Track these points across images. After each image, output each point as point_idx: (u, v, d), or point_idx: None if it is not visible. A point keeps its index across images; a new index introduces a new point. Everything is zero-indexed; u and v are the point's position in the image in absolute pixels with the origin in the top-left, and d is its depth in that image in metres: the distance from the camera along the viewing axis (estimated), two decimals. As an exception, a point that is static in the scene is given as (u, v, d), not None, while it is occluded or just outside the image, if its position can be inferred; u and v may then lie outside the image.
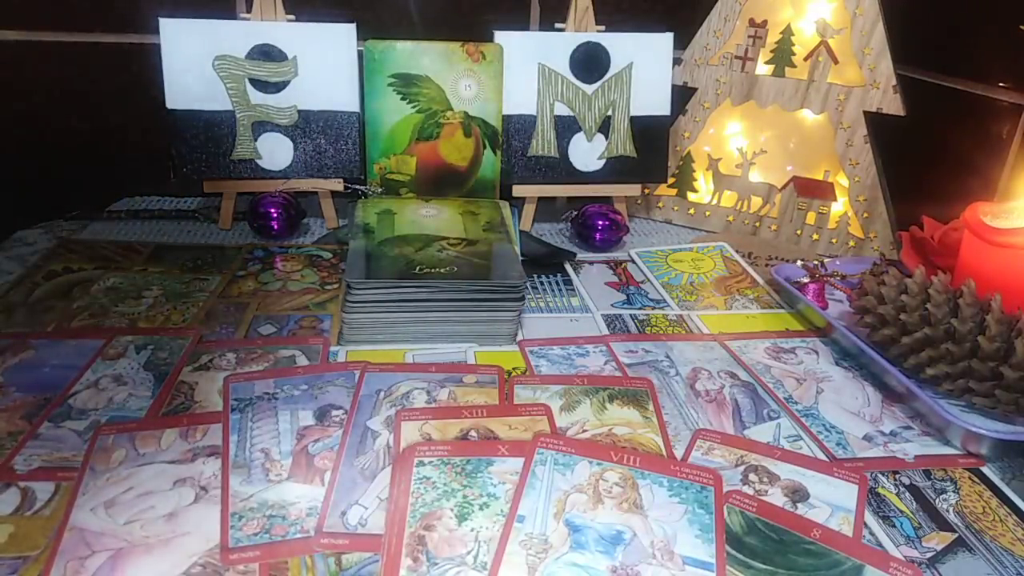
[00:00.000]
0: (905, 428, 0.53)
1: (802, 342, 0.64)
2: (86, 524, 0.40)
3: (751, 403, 0.55)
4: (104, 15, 0.85)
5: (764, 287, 0.75)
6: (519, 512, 0.41)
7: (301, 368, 0.55)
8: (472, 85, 0.78)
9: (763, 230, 0.89)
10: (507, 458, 0.45)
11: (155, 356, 0.55)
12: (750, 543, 0.41)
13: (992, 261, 0.60)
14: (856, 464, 0.49)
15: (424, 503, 0.41)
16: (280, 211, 0.77)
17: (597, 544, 0.40)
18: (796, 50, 0.83)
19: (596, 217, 0.81)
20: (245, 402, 0.50)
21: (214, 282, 0.68)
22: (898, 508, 0.46)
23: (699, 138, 0.90)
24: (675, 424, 0.52)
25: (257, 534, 0.40)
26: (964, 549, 0.43)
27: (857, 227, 0.85)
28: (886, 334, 0.59)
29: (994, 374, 0.53)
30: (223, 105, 0.76)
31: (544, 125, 0.82)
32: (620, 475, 0.44)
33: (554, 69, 0.81)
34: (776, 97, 0.85)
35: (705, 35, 0.87)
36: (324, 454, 0.46)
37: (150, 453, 0.45)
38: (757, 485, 0.46)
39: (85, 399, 0.50)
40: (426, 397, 0.52)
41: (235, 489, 0.43)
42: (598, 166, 0.84)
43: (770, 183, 0.88)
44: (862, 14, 0.79)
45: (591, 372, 0.57)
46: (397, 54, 0.76)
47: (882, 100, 0.80)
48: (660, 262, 0.79)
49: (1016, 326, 0.53)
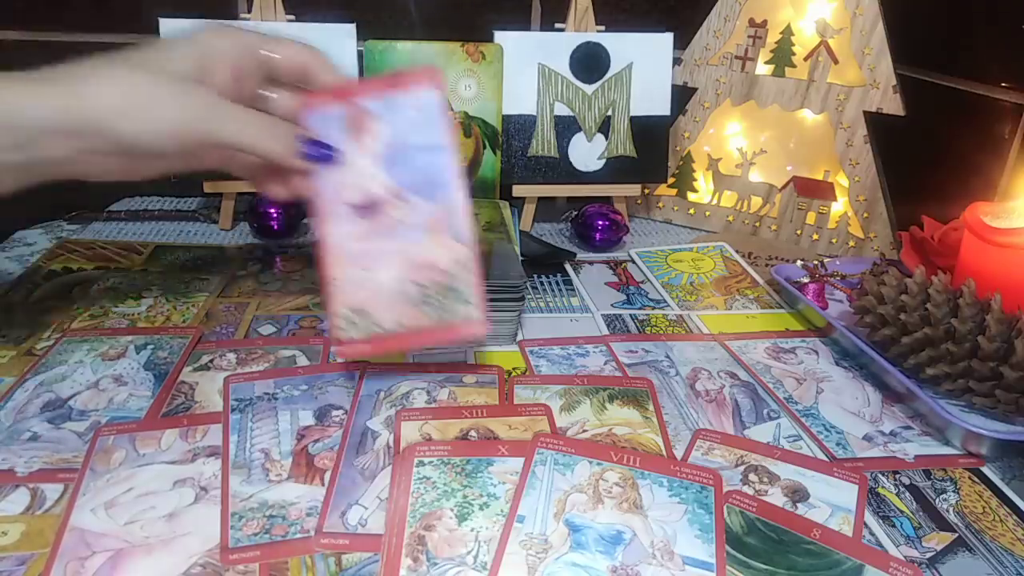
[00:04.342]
0: (905, 428, 0.53)
1: (802, 342, 0.64)
2: (86, 524, 0.40)
3: (751, 403, 0.55)
4: (104, 15, 0.85)
5: (764, 287, 0.75)
6: (519, 512, 0.41)
7: (301, 368, 0.55)
8: (472, 85, 0.78)
9: (763, 230, 0.89)
10: (507, 458, 0.45)
11: (155, 356, 0.55)
12: (750, 543, 0.41)
13: (992, 261, 0.60)
14: (856, 464, 0.49)
15: (424, 503, 0.41)
16: (280, 211, 0.77)
17: (597, 544, 0.40)
18: (796, 50, 0.84)
19: (596, 217, 0.82)
20: (245, 402, 0.50)
21: (214, 282, 0.68)
22: (898, 508, 0.46)
23: (699, 138, 0.90)
24: (675, 424, 0.52)
25: (257, 534, 0.40)
26: (964, 549, 0.43)
27: (857, 227, 0.85)
28: (886, 334, 0.59)
29: (994, 374, 0.53)
30: (223, 105, 0.75)
31: (544, 125, 0.82)
32: (620, 475, 0.44)
33: (554, 69, 0.81)
34: (776, 97, 0.85)
35: (705, 35, 0.87)
36: (324, 454, 0.46)
37: (150, 454, 0.45)
38: (757, 485, 0.46)
39: (85, 400, 0.50)
40: (426, 397, 0.52)
41: (235, 489, 0.43)
42: (598, 166, 0.84)
43: (770, 183, 0.88)
44: (862, 14, 0.79)
45: (591, 372, 0.57)
46: (397, 54, 0.76)
47: (882, 100, 0.80)
48: (660, 262, 0.79)
49: (1016, 326, 0.53)
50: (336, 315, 0.48)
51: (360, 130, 0.48)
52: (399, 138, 0.49)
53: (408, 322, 0.49)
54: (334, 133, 0.48)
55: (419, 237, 0.49)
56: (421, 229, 0.49)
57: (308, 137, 0.47)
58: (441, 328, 0.49)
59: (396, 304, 0.49)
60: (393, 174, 0.49)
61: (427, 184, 0.49)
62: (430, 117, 0.49)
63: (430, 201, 0.49)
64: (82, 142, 0.42)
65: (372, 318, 0.49)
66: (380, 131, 0.48)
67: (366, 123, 0.48)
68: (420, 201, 0.49)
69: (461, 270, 0.49)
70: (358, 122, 0.48)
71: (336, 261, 0.48)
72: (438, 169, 0.49)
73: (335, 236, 0.48)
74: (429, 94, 0.49)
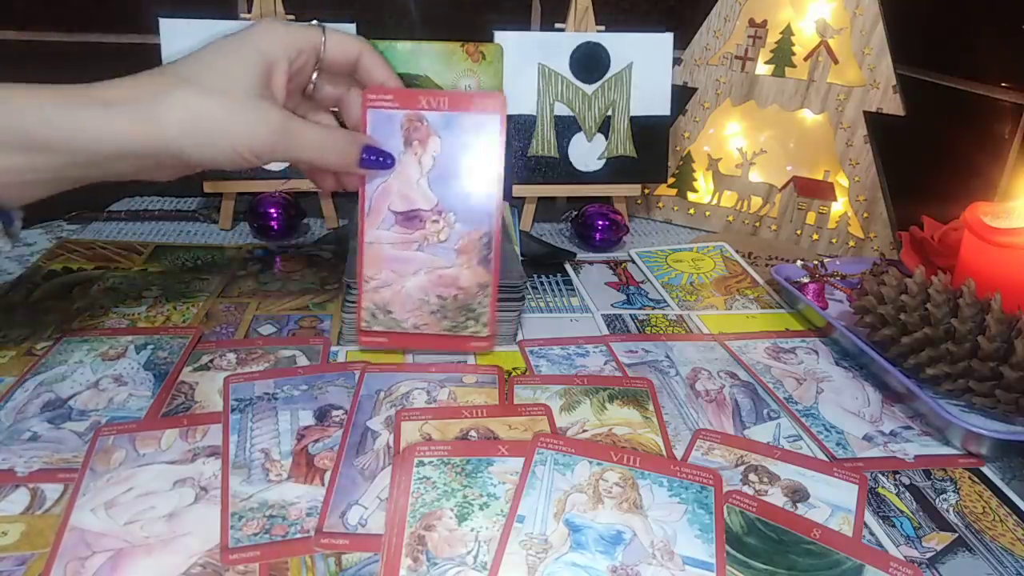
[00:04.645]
0: (905, 428, 0.53)
1: (802, 342, 0.64)
2: (86, 524, 0.40)
3: (751, 403, 0.55)
4: (104, 15, 0.85)
5: (764, 287, 0.75)
6: (519, 512, 0.41)
7: (301, 368, 0.55)
8: (472, 85, 0.78)
9: (763, 230, 0.89)
10: (507, 458, 0.45)
11: (155, 356, 0.55)
12: (750, 543, 0.41)
13: (992, 261, 0.60)
14: (856, 464, 0.49)
15: (424, 503, 0.41)
16: (280, 211, 0.77)
17: (597, 544, 0.40)
18: (796, 50, 0.84)
19: (596, 217, 0.82)
20: (245, 402, 0.50)
21: (214, 282, 0.68)
22: (898, 508, 0.46)
23: (699, 138, 0.90)
24: (675, 424, 0.52)
25: (257, 534, 0.40)
26: (964, 549, 0.43)
27: (857, 227, 0.85)
28: (886, 334, 0.59)
29: (994, 374, 0.53)
30: (223, 105, 0.75)
31: (544, 125, 0.82)
32: (620, 475, 0.44)
33: (554, 69, 0.81)
34: (776, 97, 0.85)
35: (705, 35, 0.87)
36: (324, 454, 0.46)
37: (150, 454, 0.45)
38: (757, 485, 0.46)
39: (85, 400, 0.50)
40: (426, 397, 0.52)
41: (235, 489, 0.43)
42: (598, 166, 0.84)
43: (770, 183, 0.88)
44: (862, 14, 0.79)
45: (591, 372, 0.57)
46: (397, 54, 0.76)
47: (882, 100, 0.80)
48: (660, 262, 0.79)
49: (1016, 326, 0.53)
50: (363, 308, 0.53)
51: (416, 139, 0.50)
52: (451, 157, 0.51)
53: (424, 326, 0.54)
54: (392, 135, 0.50)
55: (450, 257, 0.53)
56: (453, 250, 0.52)
57: (369, 145, 0.49)
58: (452, 338, 0.54)
59: (417, 309, 0.53)
60: (437, 191, 0.51)
61: (467, 209, 0.52)
62: (486, 143, 0.51)
63: (467, 226, 0.52)
64: (151, 162, 0.44)
65: (394, 316, 0.53)
66: (434, 144, 0.51)
67: (423, 134, 0.50)
68: (458, 224, 0.52)
69: (480, 293, 0.53)
70: (416, 131, 0.50)
71: (372, 262, 0.53)
72: (481, 198, 0.52)
73: (375, 238, 0.52)
74: (491, 119, 0.50)
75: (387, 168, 0.50)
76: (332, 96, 0.52)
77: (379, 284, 0.53)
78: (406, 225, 0.52)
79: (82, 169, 0.43)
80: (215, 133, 0.43)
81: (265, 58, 0.45)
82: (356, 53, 0.50)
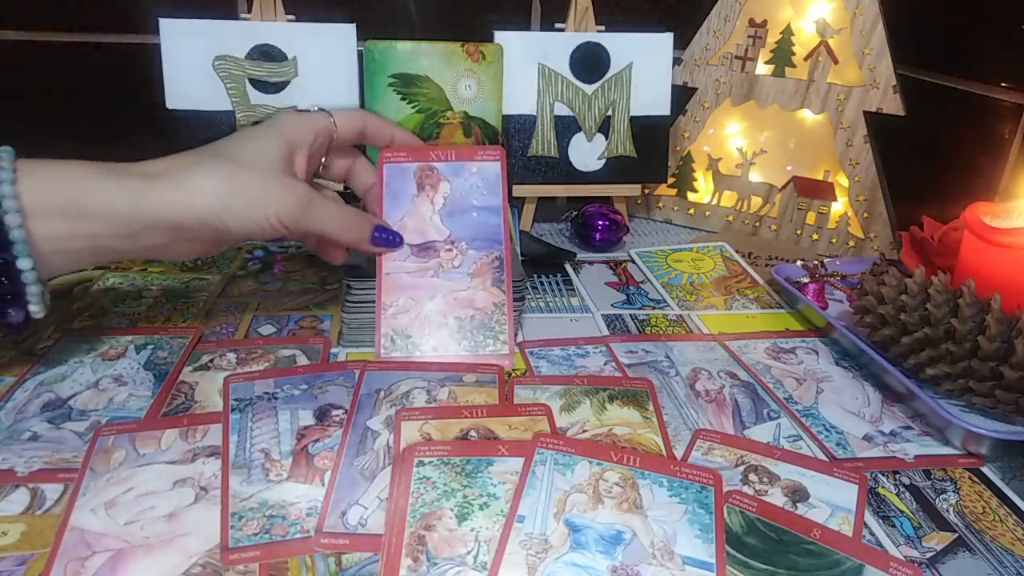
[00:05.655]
0: (905, 428, 0.53)
1: (802, 342, 0.64)
2: (86, 524, 0.40)
3: (751, 403, 0.55)
4: (104, 15, 0.85)
5: (764, 287, 0.75)
6: (519, 512, 0.41)
7: (301, 368, 0.55)
8: (472, 85, 0.78)
9: (763, 230, 0.89)
10: (507, 458, 0.45)
11: (155, 356, 0.55)
12: (750, 543, 0.41)
13: (992, 261, 0.60)
14: (856, 464, 0.49)
15: (424, 503, 0.41)
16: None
17: (597, 544, 0.40)
18: (796, 50, 0.84)
19: (596, 217, 0.82)
20: (245, 402, 0.50)
21: (214, 282, 0.68)
22: (898, 508, 0.46)
23: (699, 138, 0.90)
24: (675, 424, 0.52)
25: (257, 534, 0.40)
26: (964, 549, 0.43)
27: (857, 227, 0.85)
28: (886, 334, 0.59)
29: (994, 374, 0.53)
30: (223, 105, 0.76)
31: (544, 125, 0.82)
32: (620, 475, 0.44)
33: (554, 69, 0.81)
34: (776, 97, 0.85)
35: (705, 35, 0.87)
36: (324, 454, 0.46)
37: (150, 454, 0.45)
38: (757, 485, 0.46)
39: (85, 400, 0.50)
40: (426, 397, 0.52)
41: (235, 489, 0.43)
42: (598, 166, 0.84)
43: (770, 183, 0.88)
44: (862, 14, 0.79)
45: (591, 372, 0.57)
46: (397, 54, 0.76)
47: (882, 100, 0.80)
48: (660, 262, 0.79)
49: (1016, 326, 0.53)
50: (382, 335, 0.56)
51: (428, 184, 0.57)
52: (460, 196, 0.58)
53: (443, 348, 0.56)
54: (406, 182, 0.57)
55: (464, 280, 0.57)
56: (467, 274, 0.57)
57: (380, 225, 0.55)
58: (471, 357, 0.56)
59: (436, 332, 0.56)
60: (449, 225, 0.58)
61: (478, 238, 0.58)
62: (491, 185, 0.58)
63: (479, 252, 0.57)
64: (184, 232, 0.47)
65: (413, 340, 0.56)
66: (444, 187, 0.58)
67: (434, 180, 0.58)
68: (470, 250, 0.57)
69: (497, 312, 0.57)
70: (427, 178, 0.58)
71: (389, 290, 0.56)
72: (490, 228, 0.58)
73: (393, 269, 0.56)
74: (493, 167, 0.58)
75: (396, 246, 0.56)
76: (343, 167, 0.57)
77: (397, 311, 0.56)
78: (421, 255, 0.57)
79: (118, 240, 0.45)
80: (249, 201, 0.47)
81: (289, 142, 0.51)
82: (361, 123, 0.56)
